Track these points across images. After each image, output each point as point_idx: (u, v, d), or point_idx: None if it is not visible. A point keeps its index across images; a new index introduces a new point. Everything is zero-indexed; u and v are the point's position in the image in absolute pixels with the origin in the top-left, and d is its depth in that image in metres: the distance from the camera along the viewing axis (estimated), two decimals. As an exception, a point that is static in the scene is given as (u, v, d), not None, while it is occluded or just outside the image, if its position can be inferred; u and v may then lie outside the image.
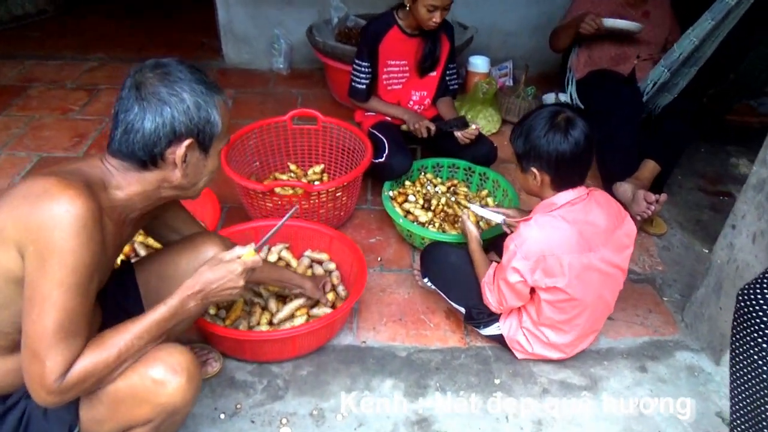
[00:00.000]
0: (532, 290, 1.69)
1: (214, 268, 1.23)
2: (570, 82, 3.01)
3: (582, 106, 2.95)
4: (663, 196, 2.21)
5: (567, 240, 1.60)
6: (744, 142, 3.16)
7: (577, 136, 1.57)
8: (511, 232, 1.99)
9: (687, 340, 1.96)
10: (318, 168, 2.62)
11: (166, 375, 1.13)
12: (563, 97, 3.40)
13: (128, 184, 1.15)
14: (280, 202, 2.20)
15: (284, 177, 2.57)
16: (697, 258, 2.35)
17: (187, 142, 1.12)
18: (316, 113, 2.51)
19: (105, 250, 1.10)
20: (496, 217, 1.98)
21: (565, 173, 1.63)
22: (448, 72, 2.66)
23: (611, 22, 2.66)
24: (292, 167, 2.63)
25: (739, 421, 1.29)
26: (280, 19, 3.72)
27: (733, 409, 1.30)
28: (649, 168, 2.43)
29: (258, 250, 1.28)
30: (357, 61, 2.55)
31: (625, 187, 2.33)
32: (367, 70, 2.53)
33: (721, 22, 2.12)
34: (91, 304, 1.08)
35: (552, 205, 1.65)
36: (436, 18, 2.33)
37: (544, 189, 1.67)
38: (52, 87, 3.52)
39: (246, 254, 1.25)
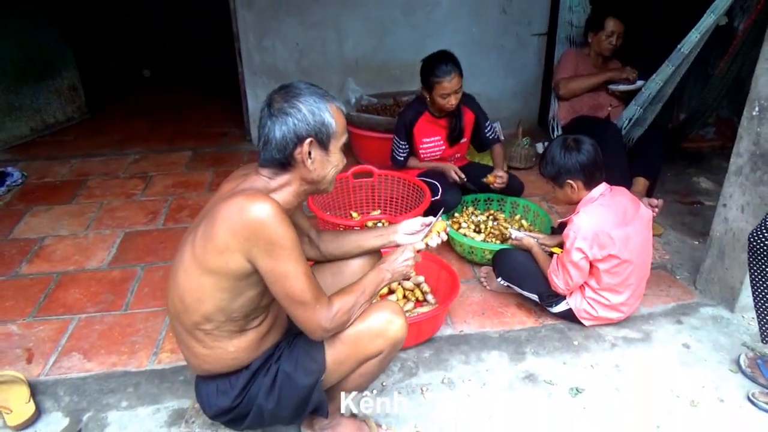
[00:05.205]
0: (591, 266, 2.23)
1: (393, 253, 1.71)
2: (556, 129, 3.71)
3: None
4: (660, 201, 2.84)
5: (609, 219, 2.18)
6: (699, 164, 3.94)
7: (586, 147, 2.21)
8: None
9: (705, 301, 2.54)
10: (376, 213, 3.14)
11: (392, 315, 1.58)
12: (549, 145, 4.12)
13: (280, 186, 1.47)
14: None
15: (351, 223, 3.07)
16: (691, 248, 2.98)
17: (308, 140, 1.41)
18: (372, 168, 3.07)
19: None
20: (531, 240, 2.50)
21: (591, 174, 2.23)
22: (485, 130, 3.16)
23: (622, 88, 3.43)
24: (354, 215, 3.14)
25: (761, 309, 1.93)
26: (302, 104, 4.32)
27: (757, 305, 1.94)
28: (641, 183, 3.10)
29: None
30: (396, 138, 3.07)
31: (628, 198, 2.95)
32: (405, 146, 3.08)
33: (678, 67, 2.88)
34: None
35: (591, 199, 2.24)
36: (452, 101, 2.80)
37: (580, 192, 2.26)
38: (107, 178, 3.92)
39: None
